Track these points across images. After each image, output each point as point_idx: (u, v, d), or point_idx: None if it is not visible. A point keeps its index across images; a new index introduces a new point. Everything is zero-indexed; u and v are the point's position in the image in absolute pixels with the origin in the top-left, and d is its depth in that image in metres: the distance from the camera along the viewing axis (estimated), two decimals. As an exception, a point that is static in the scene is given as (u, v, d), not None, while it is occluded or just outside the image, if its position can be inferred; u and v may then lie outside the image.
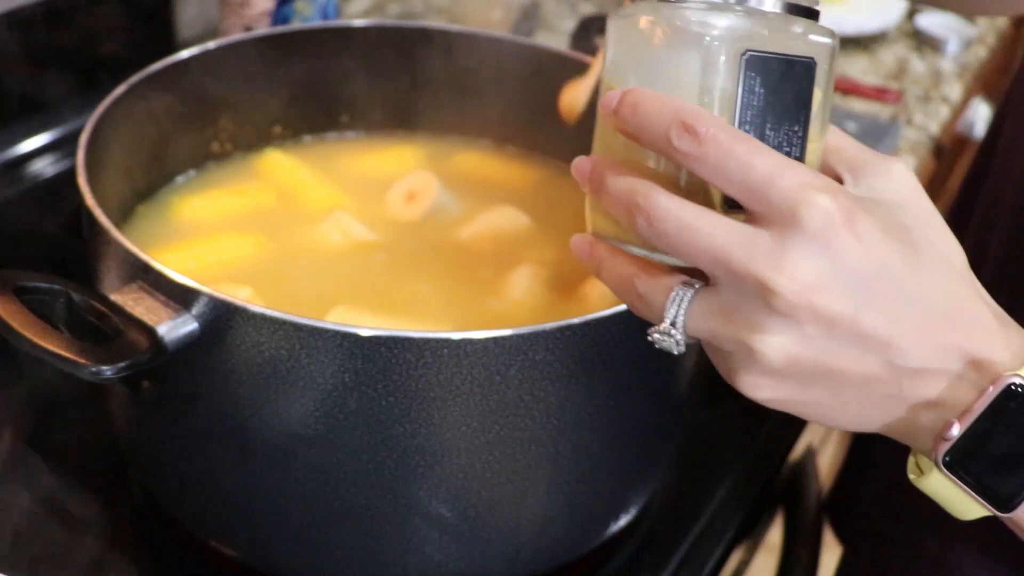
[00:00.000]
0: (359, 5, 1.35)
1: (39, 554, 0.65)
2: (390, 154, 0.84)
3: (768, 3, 0.44)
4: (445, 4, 1.36)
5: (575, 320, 0.56)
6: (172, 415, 0.62)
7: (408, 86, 0.85)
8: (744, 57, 0.43)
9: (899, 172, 0.46)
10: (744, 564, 0.80)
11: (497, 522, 0.63)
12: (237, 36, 0.81)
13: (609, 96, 0.46)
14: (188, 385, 0.59)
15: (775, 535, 0.86)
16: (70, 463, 0.71)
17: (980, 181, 0.80)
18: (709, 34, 0.44)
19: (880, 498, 0.81)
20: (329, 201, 0.78)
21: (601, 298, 0.68)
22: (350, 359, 0.54)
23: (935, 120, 1.28)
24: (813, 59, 0.45)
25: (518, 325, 0.55)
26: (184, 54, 0.76)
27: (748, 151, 0.42)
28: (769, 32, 0.44)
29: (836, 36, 0.46)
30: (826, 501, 0.90)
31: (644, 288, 0.46)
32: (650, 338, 0.47)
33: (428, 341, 0.54)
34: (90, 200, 0.60)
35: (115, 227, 0.58)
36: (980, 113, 1.54)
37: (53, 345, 0.53)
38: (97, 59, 0.99)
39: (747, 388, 0.46)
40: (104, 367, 0.53)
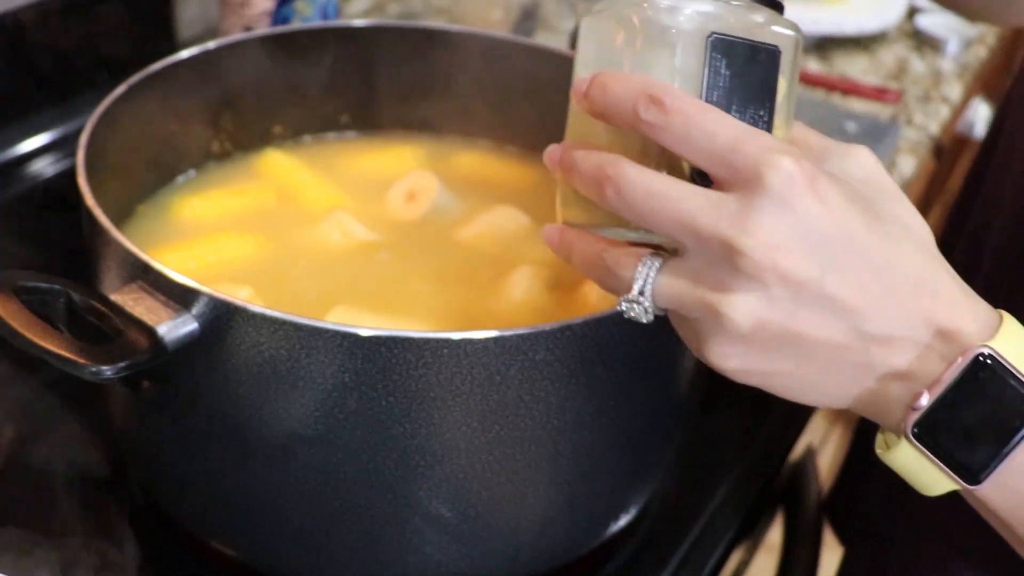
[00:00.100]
0: (359, 5, 1.35)
1: (39, 554, 0.65)
2: (390, 154, 0.84)
3: None
4: (445, 4, 1.36)
5: (575, 320, 0.56)
6: (172, 415, 0.62)
7: (408, 86, 0.85)
8: (710, 39, 0.45)
9: (863, 155, 0.47)
10: (744, 564, 0.80)
11: (497, 522, 0.63)
12: (237, 36, 0.81)
13: (580, 81, 0.47)
14: (188, 385, 0.59)
15: (775, 535, 0.86)
16: (70, 463, 0.71)
17: (980, 181, 0.80)
18: (677, 18, 0.45)
19: (880, 498, 0.81)
20: (329, 201, 0.78)
21: (601, 298, 0.68)
22: (350, 359, 0.54)
23: (935, 120, 1.28)
24: (778, 48, 0.46)
25: (518, 325, 0.55)
26: (184, 54, 0.76)
27: (713, 119, 0.44)
28: (735, 19, 0.46)
29: (800, 31, 0.48)
30: (826, 501, 0.90)
31: (613, 261, 0.47)
32: (619, 308, 0.48)
33: (428, 341, 0.54)
34: (90, 200, 0.60)
35: (115, 227, 0.58)
36: (980, 113, 1.54)
37: (53, 345, 0.53)
38: (97, 59, 0.99)
39: (715, 358, 0.46)
40: (104, 367, 0.53)
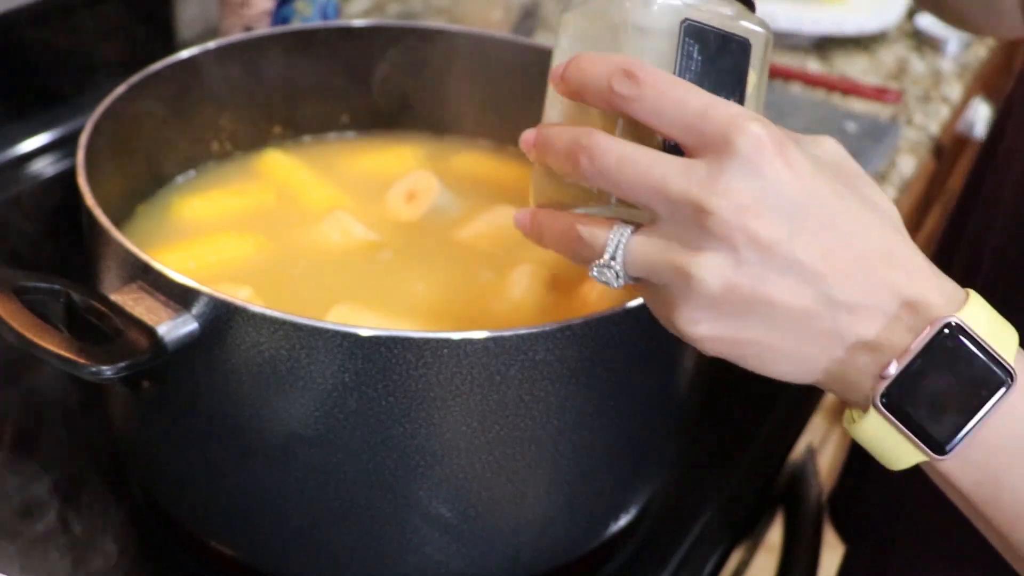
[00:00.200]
0: (359, 5, 1.35)
1: (38, 554, 0.65)
2: (390, 154, 0.84)
3: None
4: (445, 4, 1.36)
5: (575, 320, 0.56)
6: (172, 415, 0.62)
7: (408, 86, 0.85)
8: (683, 25, 0.47)
9: (831, 143, 0.48)
10: (744, 564, 0.80)
11: (497, 522, 0.63)
12: (237, 36, 0.81)
13: (557, 66, 0.49)
14: (188, 385, 0.59)
15: (775, 535, 0.86)
16: (70, 463, 0.71)
17: (981, 182, 0.80)
18: (652, 7, 0.48)
19: (881, 497, 0.81)
20: (329, 201, 0.78)
21: (601, 298, 0.68)
22: (350, 359, 0.54)
23: (935, 120, 1.27)
24: (748, 40, 0.49)
25: (518, 325, 0.55)
26: (184, 54, 0.76)
27: (684, 90, 0.45)
28: (707, 10, 0.48)
29: (770, 30, 0.50)
30: (828, 500, 0.90)
31: (586, 231, 0.48)
32: (591, 274, 0.48)
33: (428, 341, 0.54)
34: (90, 200, 0.60)
35: (115, 227, 0.58)
36: (980, 113, 1.54)
37: (53, 345, 0.53)
38: (98, 60, 0.99)
39: (684, 324, 0.46)
40: (104, 367, 0.53)
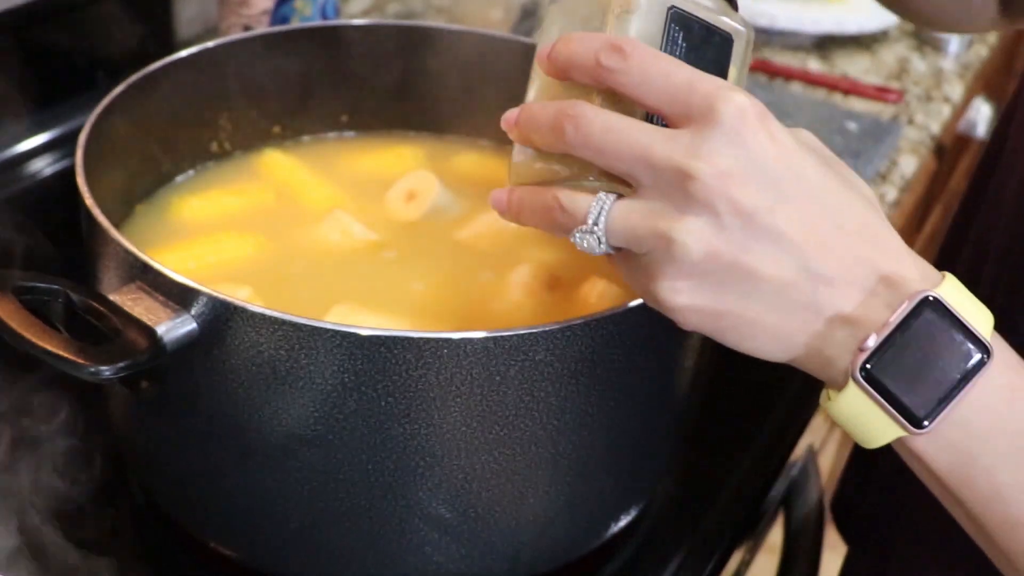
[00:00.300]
0: (359, 5, 1.35)
1: (38, 554, 0.65)
2: (390, 154, 0.84)
3: None
4: (445, 4, 1.36)
5: (575, 320, 0.56)
6: (172, 415, 0.62)
7: (408, 86, 0.85)
8: (670, 11, 0.49)
9: (806, 132, 0.49)
10: (745, 565, 0.80)
11: (497, 522, 0.62)
12: (236, 35, 0.81)
13: (543, 47, 0.49)
14: (187, 385, 0.59)
15: (776, 536, 0.86)
16: (70, 463, 0.71)
17: (985, 183, 0.80)
18: None
19: (883, 498, 0.81)
20: (329, 201, 0.78)
21: (601, 298, 0.68)
22: (350, 359, 0.54)
23: (936, 120, 1.27)
24: (731, 35, 0.50)
25: (518, 325, 0.55)
26: (184, 54, 0.76)
27: (670, 63, 0.47)
28: (692, 2, 0.50)
29: (751, 30, 0.51)
30: (831, 501, 0.90)
31: (567, 199, 0.49)
32: (572, 239, 0.49)
33: (428, 341, 0.54)
34: (89, 200, 0.60)
35: (114, 227, 0.58)
36: (982, 113, 1.54)
37: (52, 345, 0.53)
38: (97, 59, 0.99)
39: (665, 293, 0.47)
40: (103, 367, 0.53)
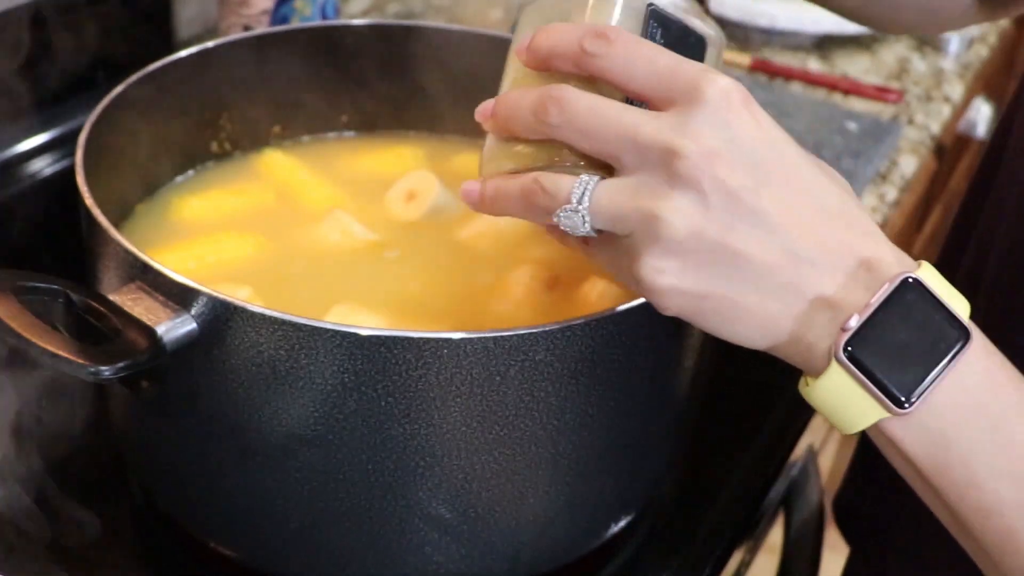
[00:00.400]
0: (359, 5, 1.35)
1: (38, 554, 0.65)
2: (390, 154, 0.84)
3: None
4: (445, 4, 1.36)
5: (575, 320, 0.56)
6: (172, 415, 0.62)
7: (408, 86, 0.85)
8: (649, 8, 0.50)
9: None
10: (745, 565, 0.80)
11: (497, 522, 0.62)
12: (236, 36, 0.81)
13: (523, 39, 0.49)
14: (187, 385, 0.59)
15: (776, 536, 0.86)
16: (70, 463, 0.71)
17: (987, 184, 0.80)
18: None
19: (886, 499, 0.81)
20: (329, 201, 0.78)
21: (601, 298, 0.67)
22: (350, 359, 0.54)
23: (936, 120, 1.27)
24: (705, 38, 0.51)
25: (518, 325, 0.55)
26: (184, 54, 0.76)
27: (653, 49, 0.47)
28: (668, 2, 0.51)
29: (723, 36, 0.53)
30: (832, 501, 0.90)
31: (549, 183, 0.48)
32: (555, 219, 0.48)
33: (428, 341, 0.54)
34: (89, 200, 0.60)
35: (114, 227, 0.58)
36: (982, 113, 1.54)
37: (52, 345, 0.53)
38: (97, 59, 0.98)
39: (649, 274, 0.46)
40: (103, 367, 0.53)
